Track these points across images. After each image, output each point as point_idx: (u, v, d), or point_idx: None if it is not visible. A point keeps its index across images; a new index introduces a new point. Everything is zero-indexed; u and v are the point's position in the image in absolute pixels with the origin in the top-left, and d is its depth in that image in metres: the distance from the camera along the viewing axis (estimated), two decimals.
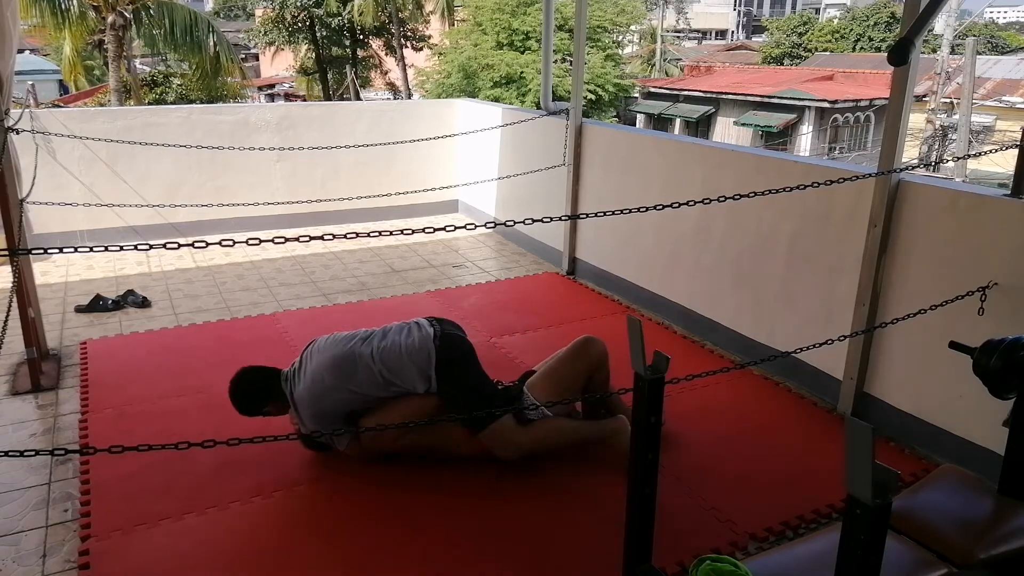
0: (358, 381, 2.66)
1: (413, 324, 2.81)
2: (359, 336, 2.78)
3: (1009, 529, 1.88)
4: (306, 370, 2.72)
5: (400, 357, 2.68)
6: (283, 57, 25.01)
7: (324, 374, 2.67)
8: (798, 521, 2.53)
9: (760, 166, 3.73)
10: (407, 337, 2.74)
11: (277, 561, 2.33)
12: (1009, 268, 2.60)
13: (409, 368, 2.67)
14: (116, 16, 13.69)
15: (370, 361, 2.67)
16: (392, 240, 5.92)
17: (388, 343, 2.72)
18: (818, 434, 3.11)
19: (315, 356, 2.74)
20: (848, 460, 1.33)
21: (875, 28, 33.37)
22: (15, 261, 3.32)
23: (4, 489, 2.69)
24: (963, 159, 16.09)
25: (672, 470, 2.75)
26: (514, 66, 19.17)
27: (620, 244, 4.69)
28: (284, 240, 2.01)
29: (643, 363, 1.84)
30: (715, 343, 3.98)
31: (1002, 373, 1.93)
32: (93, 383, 3.48)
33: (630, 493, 1.96)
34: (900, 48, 2.26)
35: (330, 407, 2.69)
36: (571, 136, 4.91)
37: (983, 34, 32.18)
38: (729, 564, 1.72)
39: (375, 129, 6.31)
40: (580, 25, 4.79)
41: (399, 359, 2.68)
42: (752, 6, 62.74)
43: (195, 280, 5.03)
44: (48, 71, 21.94)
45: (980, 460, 2.65)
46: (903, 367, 3.03)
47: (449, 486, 2.69)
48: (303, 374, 2.72)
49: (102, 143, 5.31)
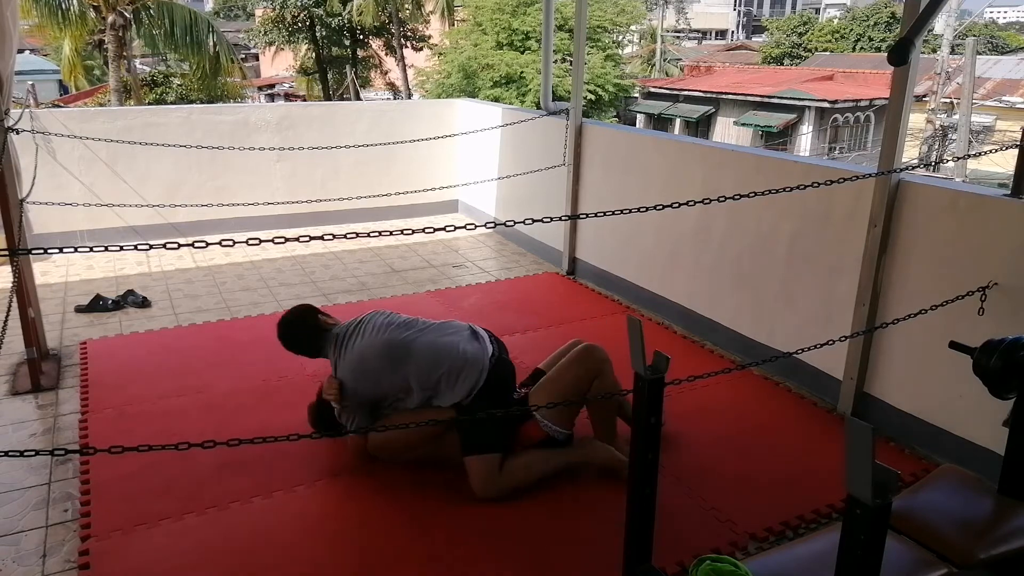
0: (404, 372, 2.64)
1: (472, 332, 2.78)
2: (417, 326, 2.75)
3: (1009, 529, 1.88)
4: (355, 344, 2.69)
5: (452, 357, 2.64)
6: (283, 57, 25.01)
7: (371, 357, 2.65)
8: (798, 521, 2.53)
9: (760, 166, 3.73)
10: (468, 343, 2.71)
11: (277, 561, 2.33)
12: (1009, 268, 2.60)
13: (451, 374, 2.63)
14: (116, 16, 13.70)
15: (421, 352, 2.64)
16: (392, 240, 5.93)
17: (445, 341, 2.69)
18: (818, 434, 3.11)
19: (367, 334, 2.70)
20: (848, 460, 1.33)
21: (875, 28, 33.37)
22: (15, 261, 3.32)
23: (4, 489, 2.69)
24: (963, 159, 16.10)
25: (672, 470, 2.75)
26: (514, 66, 19.17)
27: (620, 244, 4.69)
28: (284, 240, 2.01)
29: (643, 363, 1.84)
30: (715, 343, 3.98)
31: (1002, 373, 1.93)
32: (93, 383, 3.48)
33: (630, 493, 1.96)
34: (900, 48, 2.26)
35: (366, 390, 2.67)
36: (571, 136, 4.91)
37: (983, 34, 32.19)
38: (729, 564, 1.72)
39: (375, 129, 6.31)
40: (580, 25, 4.79)
41: (449, 359, 2.64)
42: (752, 6, 62.73)
43: (195, 280, 5.03)
44: (48, 71, 21.94)
45: (980, 460, 2.65)
46: (903, 367, 3.03)
47: (449, 486, 2.69)
48: (351, 347, 2.69)
49: (102, 143, 5.31)
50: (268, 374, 3.55)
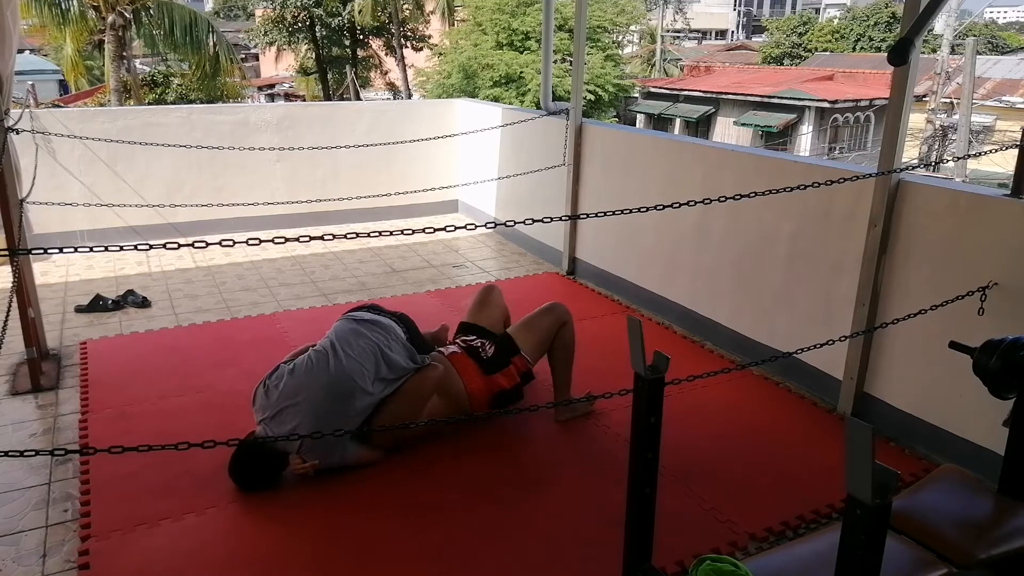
0: (357, 395, 2.65)
1: (371, 321, 2.87)
2: (331, 353, 2.70)
3: (1009, 529, 1.88)
4: (299, 402, 2.61)
5: (372, 348, 2.74)
6: (283, 57, 25.00)
7: (323, 404, 2.60)
8: (798, 521, 2.53)
9: (760, 166, 3.73)
10: (367, 330, 2.81)
11: (277, 561, 2.33)
12: (1009, 268, 2.60)
13: (386, 354, 2.75)
14: (116, 16, 13.70)
15: (353, 368, 2.66)
16: (392, 240, 5.93)
17: (369, 342, 2.76)
18: (818, 434, 3.11)
19: (301, 390, 2.62)
20: (848, 460, 1.33)
21: (875, 28, 33.38)
22: (15, 261, 3.32)
23: (4, 489, 2.69)
24: (963, 159, 16.09)
25: (672, 470, 2.75)
26: (514, 66, 19.17)
27: (620, 244, 4.69)
28: (284, 240, 2.01)
29: (643, 363, 1.84)
30: (715, 343, 3.98)
31: (1002, 373, 1.93)
32: (93, 383, 3.47)
33: (630, 493, 1.96)
34: (900, 48, 2.26)
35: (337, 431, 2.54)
36: (571, 136, 4.91)
37: (983, 34, 32.18)
38: (729, 564, 1.71)
39: (375, 129, 6.31)
40: (580, 25, 4.79)
41: (372, 351, 2.73)
42: (752, 6, 62.74)
43: (195, 280, 5.03)
44: (48, 71, 21.94)
45: (980, 460, 2.65)
46: (903, 367, 3.03)
47: (449, 486, 2.70)
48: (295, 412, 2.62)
49: (102, 143, 5.31)
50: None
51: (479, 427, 3.06)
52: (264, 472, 2.66)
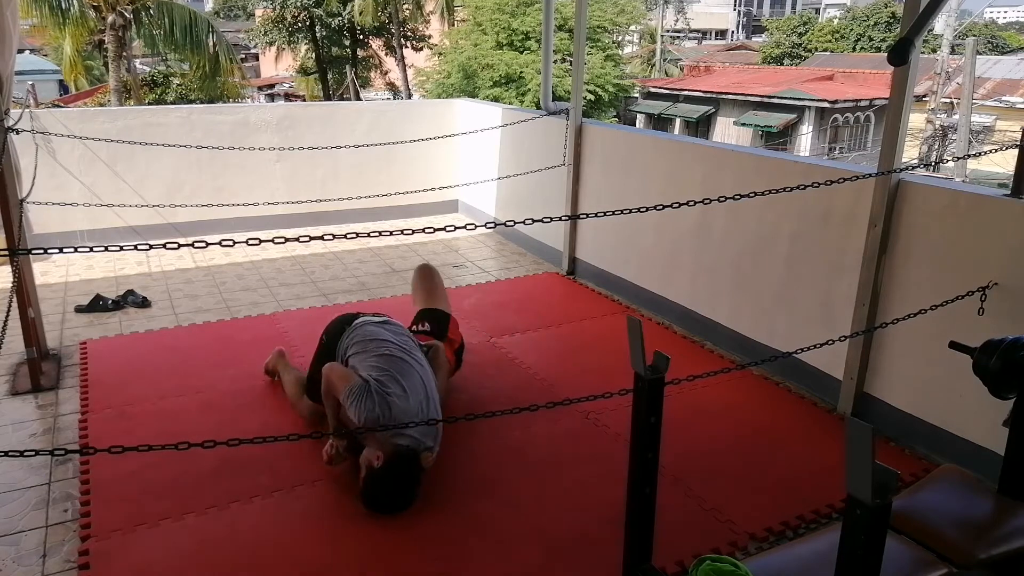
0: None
1: (388, 321, 3.12)
2: (411, 362, 2.85)
3: (1009, 529, 1.88)
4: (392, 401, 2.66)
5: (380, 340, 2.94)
6: (283, 57, 25.01)
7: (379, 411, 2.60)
8: (798, 521, 2.53)
9: (760, 166, 3.73)
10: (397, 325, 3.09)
11: (278, 561, 2.33)
12: (1009, 268, 2.60)
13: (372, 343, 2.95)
14: (116, 16, 13.70)
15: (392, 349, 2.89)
16: (392, 240, 5.92)
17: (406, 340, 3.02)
18: (818, 434, 3.11)
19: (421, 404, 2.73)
20: (848, 460, 1.33)
21: (875, 28, 33.39)
22: (15, 261, 3.32)
23: (4, 489, 2.70)
24: (963, 159, 16.10)
25: (672, 470, 2.75)
26: (513, 66, 19.17)
27: (620, 244, 4.69)
28: (284, 240, 2.01)
29: (643, 363, 1.84)
30: (715, 343, 3.98)
31: (1002, 373, 1.93)
32: (93, 383, 3.47)
33: (630, 493, 1.96)
34: (900, 48, 2.26)
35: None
36: (571, 136, 4.91)
37: (983, 34, 32.19)
38: (729, 564, 1.72)
39: (375, 129, 6.31)
40: (580, 25, 4.79)
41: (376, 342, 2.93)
42: (752, 6, 62.74)
43: (195, 280, 5.03)
44: (48, 71, 21.96)
45: (980, 460, 2.65)
46: (903, 367, 3.03)
47: (449, 486, 2.70)
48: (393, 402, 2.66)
49: (102, 143, 5.31)
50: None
51: (479, 427, 3.06)
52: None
